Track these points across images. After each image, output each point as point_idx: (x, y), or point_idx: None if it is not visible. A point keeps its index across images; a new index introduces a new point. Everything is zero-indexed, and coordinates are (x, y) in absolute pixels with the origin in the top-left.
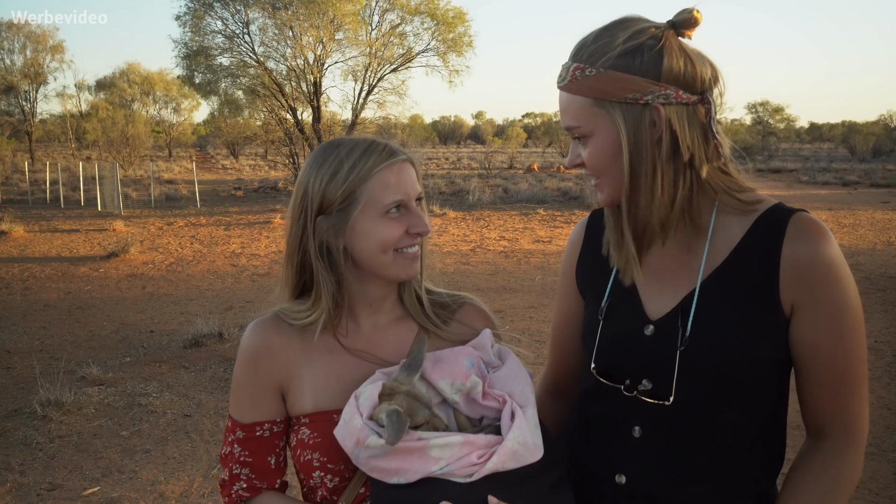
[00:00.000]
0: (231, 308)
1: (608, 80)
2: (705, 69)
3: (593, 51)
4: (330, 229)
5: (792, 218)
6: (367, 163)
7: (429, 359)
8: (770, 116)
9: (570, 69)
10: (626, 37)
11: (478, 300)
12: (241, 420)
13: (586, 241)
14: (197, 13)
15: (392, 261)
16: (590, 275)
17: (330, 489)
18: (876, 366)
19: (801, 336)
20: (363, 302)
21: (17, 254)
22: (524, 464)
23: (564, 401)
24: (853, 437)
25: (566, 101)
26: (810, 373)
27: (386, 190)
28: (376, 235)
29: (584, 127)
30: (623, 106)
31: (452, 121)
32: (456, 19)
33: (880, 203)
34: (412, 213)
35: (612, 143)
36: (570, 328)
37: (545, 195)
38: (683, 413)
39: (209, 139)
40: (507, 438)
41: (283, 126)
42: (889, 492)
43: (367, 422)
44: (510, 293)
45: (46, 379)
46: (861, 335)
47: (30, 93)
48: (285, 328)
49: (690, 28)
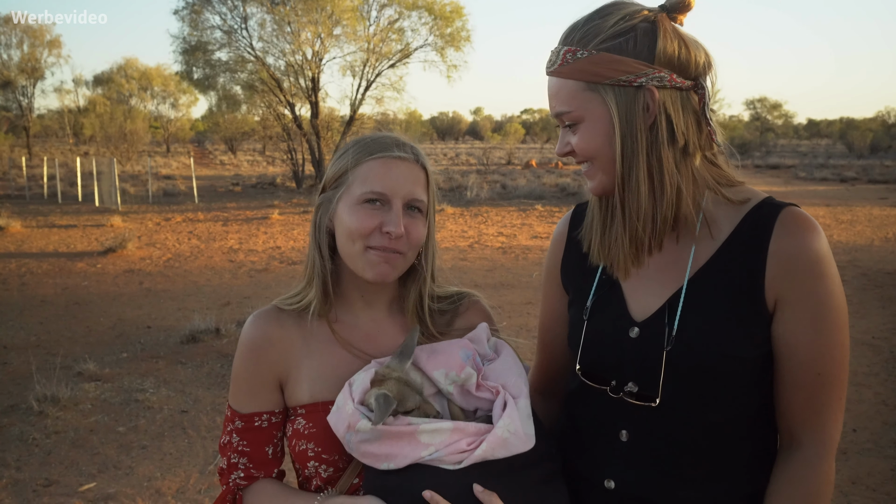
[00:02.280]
0: (228, 304)
1: (600, 62)
2: (699, 54)
3: (585, 33)
4: (324, 208)
5: (781, 213)
6: (366, 150)
7: (424, 350)
8: (768, 112)
9: (561, 53)
10: (619, 18)
11: (478, 297)
12: (240, 410)
13: (570, 237)
14: (195, 8)
15: (360, 254)
16: (574, 272)
17: (324, 479)
18: (873, 362)
19: (781, 332)
20: (355, 290)
21: (14, 249)
22: (514, 453)
23: (554, 400)
24: (825, 447)
25: (557, 86)
26: (788, 372)
27: (368, 179)
28: (348, 222)
29: (575, 111)
30: (616, 88)
31: (451, 117)
32: (453, 14)
33: (878, 199)
34: (390, 212)
35: (605, 127)
36: (557, 327)
37: (543, 191)
38: (670, 414)
39: (207, 135)
40: (498, 426)
41: (281, 122)
42: (886, 488)
43: (358, 406)
44: (508, 289)
45: (43, 374)
46: (843, 335)
47: (27, 88)
48: (284, 320)
49: (683, 12)
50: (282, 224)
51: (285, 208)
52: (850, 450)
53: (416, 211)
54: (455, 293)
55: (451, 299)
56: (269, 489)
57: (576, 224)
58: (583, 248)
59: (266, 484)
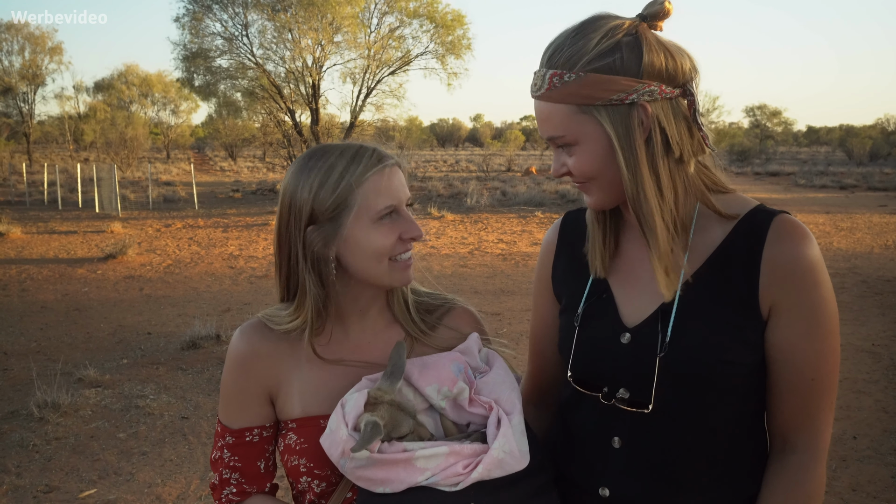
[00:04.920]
0: (229, 310)
1: (590, 84)
2: (684, 61)
3: (569, 55)
4: (321, 240)
5: (774, 220)
6: (357, 168)
7: (416, 364)
8: (768, 120)
9: (547, 77)
10: (601, 36)
11: (465, 303)
12: (231, 426)
13: (560, 244)
14: (196, 15)
15: (387, 269)
16: (565, 279)
17: (317, 494)
18: (873, 369)
19: (775, 339)
20: (353, 310)
21: (14, 255)
22: (510, 472)
23: (547, 410)
24: (817, 451)
25: (546, 111)
26: (780, 378)
27: (378, 196)
28: (370, 244)
29: (569, 135)
30: (609, 108)
31: (451, 123)
32: (455, 22)
33: (878, 206)
34: (404, 219)
35: (602, 147)
36: (549, 335)
37: (543, 198)
38: (663, 421)
39: (207, 141)
40: (493, 447)
41: (281, 128)
42: (887, 495)
43: (352, 433)
44: (508, 296)
45: (43, 381)
46: (835, 342)
47: (28, 94)
48: (269, 333)
49: (662, 20)
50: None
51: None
52: (850, 457)
53: (410, 209)
54: (432, 292)
55: (434, 295)
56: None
57: (566, 231)
58: (574, 255)
59: (259, 499)
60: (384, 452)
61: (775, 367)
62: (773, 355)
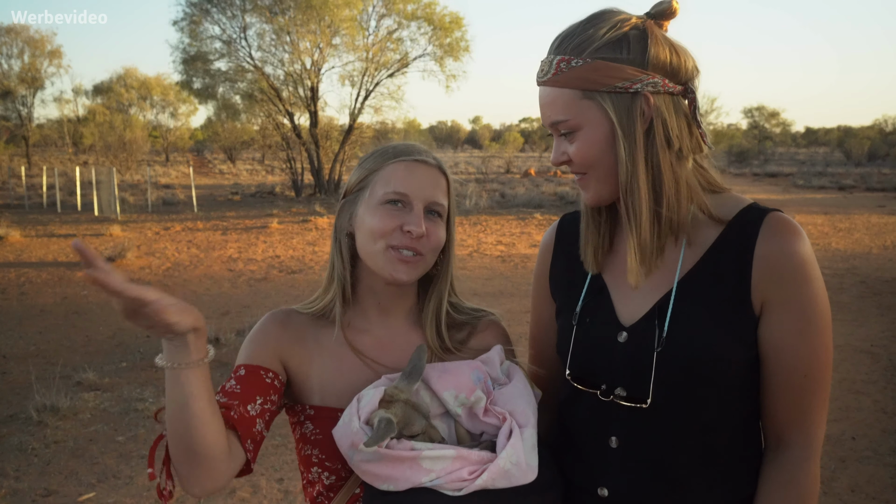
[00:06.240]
0: (228, 313)
1: (597, 70)
2: (688, 59)
3: (578, 42)
4: (346, 213)
5: (766, 217)
6: (388, 155)
7: (436, 368)
8: (766, 121)
9: (554, 62)
10: (610, 27)
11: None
12: (247, 362)
13: (557, 246)
14: (194, 19)
15: (381, 253)
16: (563, 280)
17: (326, 486)
18: (872, 370)
19: (767, 335)
20: (372, 296)
21: (13, 258)
22: (516, 484)
23: (548, 412)
24: (811, 447)
25: (551, 96)
26: (774, 374)
27: (390, 182)
28: (370, 222)
29: (572, 119)
30: (613, 95)
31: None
32: (453, 24)
33: (876, 207)
34: (412, 213)
35: (604, 134)
36: (548, 336)
37: (542, 200)
38: (660, 419)
39: (206, 144)
40: (500, 457)
41: (280, 131)
42: (886, 496)
43: (363, 426)
44: (507, 298)
45: (42, 384)
46: (827, 338)
47: (27, 97)
48: (298, 316)
49: (668, 19)
50: (281, 233)
51: (284, 217)
52: (849, 457)
53: (436, 215)
54: (474, 308)
55: (470, 314)
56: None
57: (563, 233)
58: (571, 256)
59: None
60: (392, 448)
61: (768, 363)
62: (766, 351)
